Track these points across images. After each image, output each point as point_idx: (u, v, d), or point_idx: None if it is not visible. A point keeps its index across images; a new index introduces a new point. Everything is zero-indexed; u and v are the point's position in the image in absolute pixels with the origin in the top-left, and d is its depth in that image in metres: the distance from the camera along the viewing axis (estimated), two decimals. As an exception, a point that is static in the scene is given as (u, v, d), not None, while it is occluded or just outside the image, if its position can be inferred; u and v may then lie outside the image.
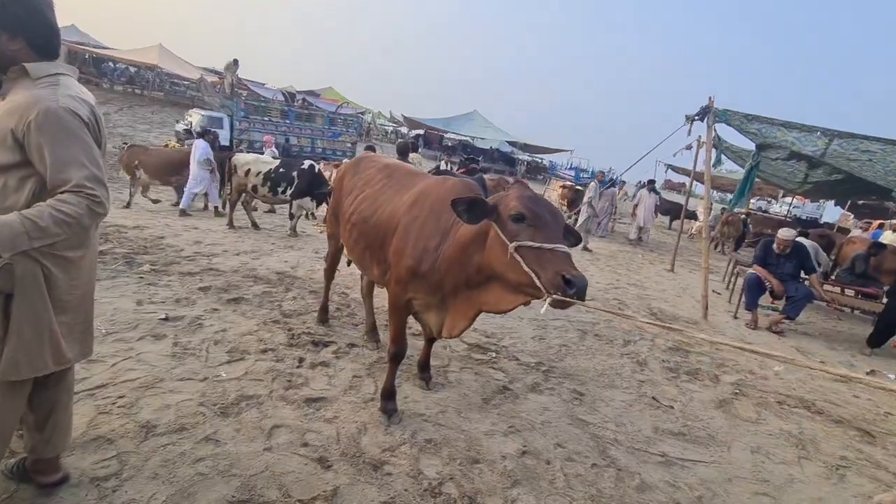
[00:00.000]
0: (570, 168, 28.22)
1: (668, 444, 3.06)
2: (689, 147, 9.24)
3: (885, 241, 8.90)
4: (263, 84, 29.62)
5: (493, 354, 4.01)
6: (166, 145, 11.17)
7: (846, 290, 7.78)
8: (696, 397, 3.87)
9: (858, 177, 6.61)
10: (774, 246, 6.33)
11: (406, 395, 3.11)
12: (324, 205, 7.30)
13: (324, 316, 4.03)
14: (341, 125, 18.76)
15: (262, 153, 9.37)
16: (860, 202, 17.64)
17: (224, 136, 14.14)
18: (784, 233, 6.36)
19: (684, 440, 3.16)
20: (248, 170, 7.08)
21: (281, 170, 7.12)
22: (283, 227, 7.91)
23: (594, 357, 4.38)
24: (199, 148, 7.69)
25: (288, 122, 17.00)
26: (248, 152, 9.74)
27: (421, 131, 31.36)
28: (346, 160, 15.15)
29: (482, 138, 30.67)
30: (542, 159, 35.14)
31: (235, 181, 7.17)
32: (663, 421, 3.37)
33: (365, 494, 2.18)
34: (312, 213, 8.53)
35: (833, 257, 9.84)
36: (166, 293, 4.16)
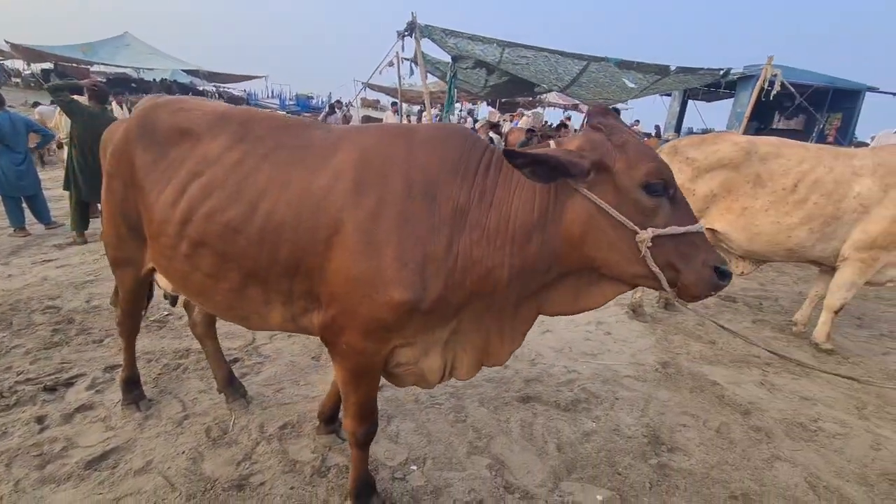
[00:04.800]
0: (274, 96, 26.10)
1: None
2: (391, 64, 9.82)
3: (522, 126, 12.25)
4: None
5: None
6: None
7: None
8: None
9: (519, 77, 8.48)
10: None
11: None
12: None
13: (136, 390, 2.43)
14: None
15: None
16: (503, 100, 22.94)
17: None
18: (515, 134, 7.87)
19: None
20: None
21: None
22: None
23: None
24: None
25: None
26: None
27: (48, 65, 22.66)
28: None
29: (148, 69, 24.52)
30: (232, 89, 31.05)
31: None
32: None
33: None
34: None
35: (503, 145, 12.95)
36: None
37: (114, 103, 7.62)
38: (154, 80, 24.73)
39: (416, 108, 19.72)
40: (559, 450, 2.29)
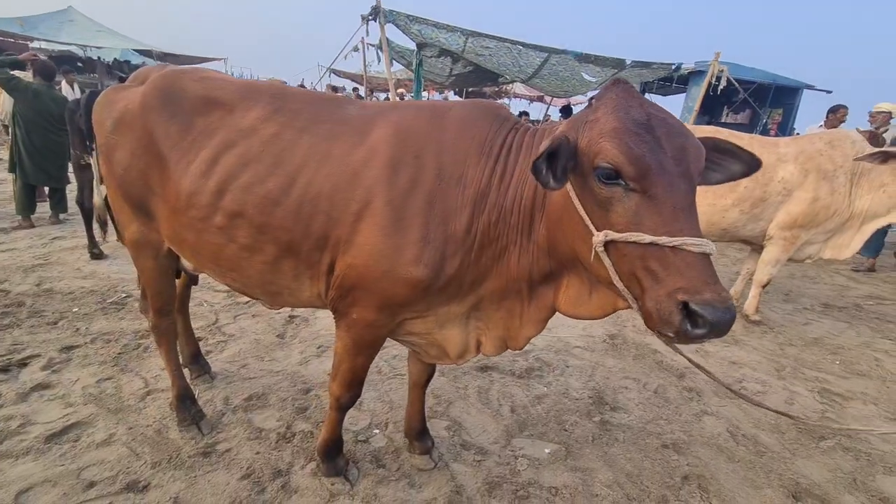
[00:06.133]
0: (233, 80, 25.06)
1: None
2: (356, 49, 9.72)
3: None
4: None
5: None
6: None
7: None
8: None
9: (482, 67, 8.60)
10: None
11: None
12: None
13: (194, 407, 2.21)
14: None
15: None
16: (471, 90, 23.15)
17: None
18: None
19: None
20: None
21: None
22: None
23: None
24: None
25: None
26: None
27: (-21, 40, 20.97)
28: None
29: (96, 47, 23.07)
30: (190, 72, 29.60)
31: None
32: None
33: (213, 481, 1.89)
34: None
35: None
36: None
37: (63, 82, 7.21)
38: (100, 58, 23.29)
39: (384, 94, 19.49)
40: (512, 411, 2.47)
